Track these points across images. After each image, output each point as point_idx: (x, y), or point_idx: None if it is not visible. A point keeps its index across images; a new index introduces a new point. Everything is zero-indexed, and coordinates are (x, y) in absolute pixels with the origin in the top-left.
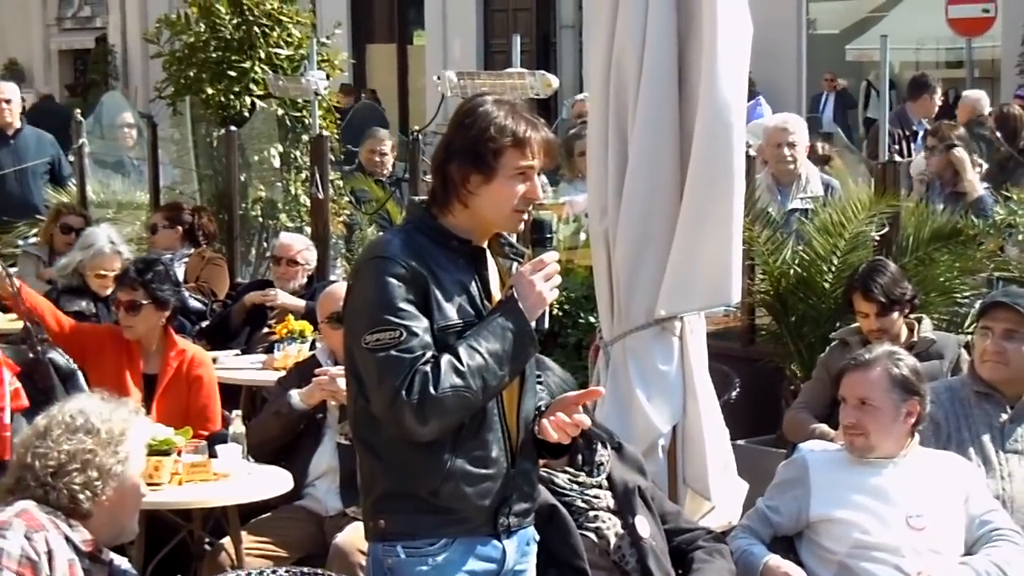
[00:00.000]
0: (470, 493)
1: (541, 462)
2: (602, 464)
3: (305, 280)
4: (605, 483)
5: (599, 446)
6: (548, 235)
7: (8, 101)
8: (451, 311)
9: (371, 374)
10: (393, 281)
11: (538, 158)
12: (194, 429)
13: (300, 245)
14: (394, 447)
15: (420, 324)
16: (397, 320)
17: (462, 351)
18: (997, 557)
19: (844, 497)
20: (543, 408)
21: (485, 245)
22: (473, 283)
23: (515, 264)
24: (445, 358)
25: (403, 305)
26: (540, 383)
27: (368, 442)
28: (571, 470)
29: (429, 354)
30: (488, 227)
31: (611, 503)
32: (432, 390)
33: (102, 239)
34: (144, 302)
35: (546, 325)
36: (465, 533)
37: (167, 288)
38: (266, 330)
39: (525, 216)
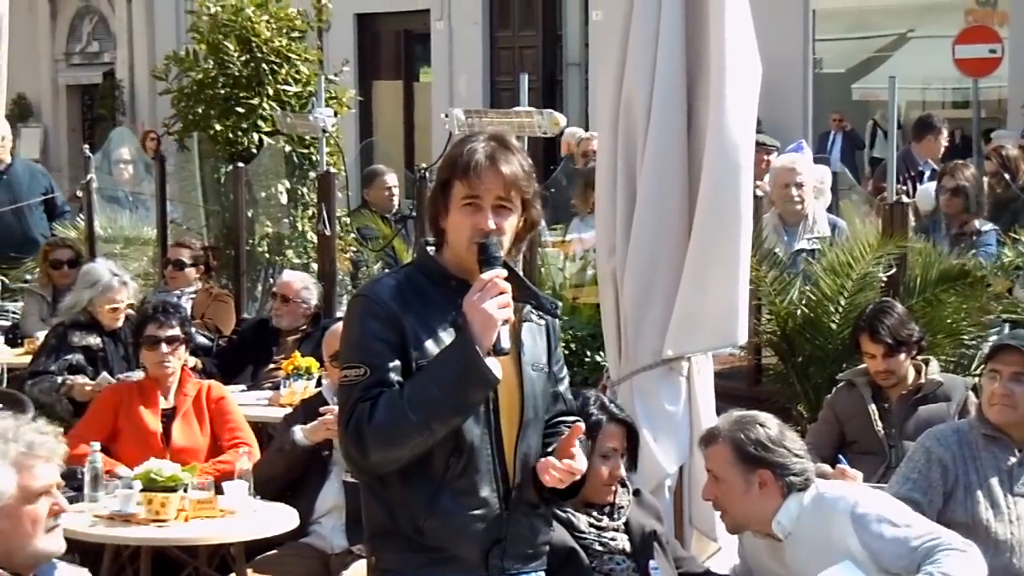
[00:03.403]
0: (456, 532)
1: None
2: (622, 507)
3: (307, 319)
4: (623, 527)
5: (620, 489)
6: (495, 255)
7: (2, 137)
8: (433, 348)
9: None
10: (369, 320)
11: (485, 189)
12: (230, 448)
13: (299, 284)
14: (383, 482)
15: (387, 363)
16: (365, 358)
17: (408, 384)
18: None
19: None
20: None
21: None
22: None
23: (527, 308)
24: (387, 392)
25: (374, 344)
26: (568, 424)
27: (365, 478)
28: (594, 513)
29: (377, 390)
30: (467, 263)
31: (627, 546)
32: (366, 423)
33: (106, 274)
34: (182, 336)
35: (504, 345)
36: (455, 573)
37: (189, 327)
38: (272, 366)
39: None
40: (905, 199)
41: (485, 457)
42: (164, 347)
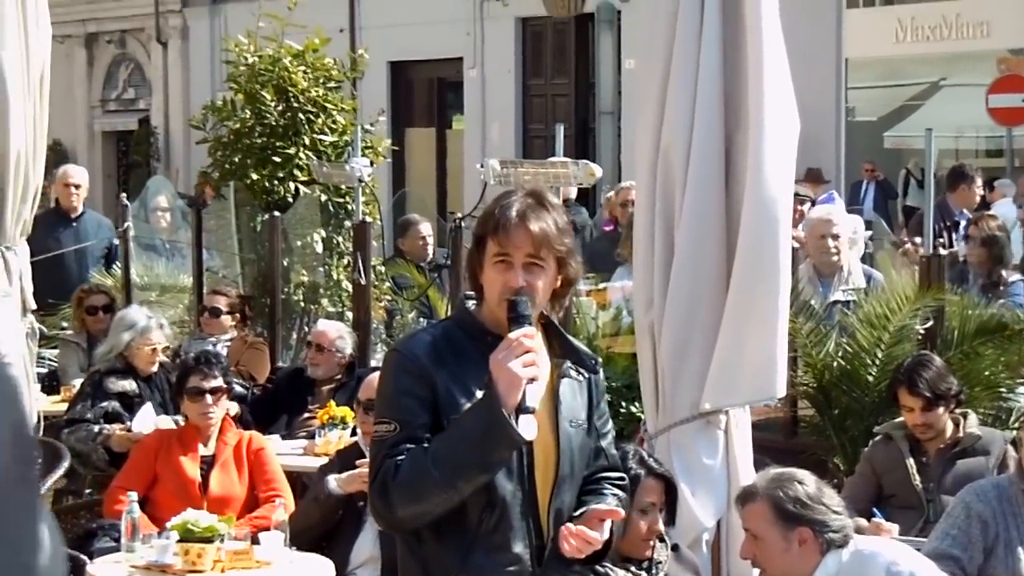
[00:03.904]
0: None
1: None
2: (660, 562)
3: (342, 368)
4: None
5: (658, 544)
6: (524, 313)
7: (77, 186)
8: (466, 404)
9: None
10: (401, 376)
11: (515, 247)
12: (266, 500)
13: (333, 333)
14: (418, 537)
15: (418, 420)
16: (395, 415)
17: (434, 441)
18: None
19: None
20: (581, 513)
21: None
22: None
23: (566, 364)
24: (413, 449)
25: (405, 400)
26: (619, 486)
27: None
28: (632, 568)
29: (405, 447)
30: (502, 319)
31: None
32: (392, 480)
33: (142, 317)
34: (225, 387)
35: (530, 404)
36: None
37: (230, 376)
38: (307, 415)
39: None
40: (942, 251)
41: (518, 513)
42: (208, 398)
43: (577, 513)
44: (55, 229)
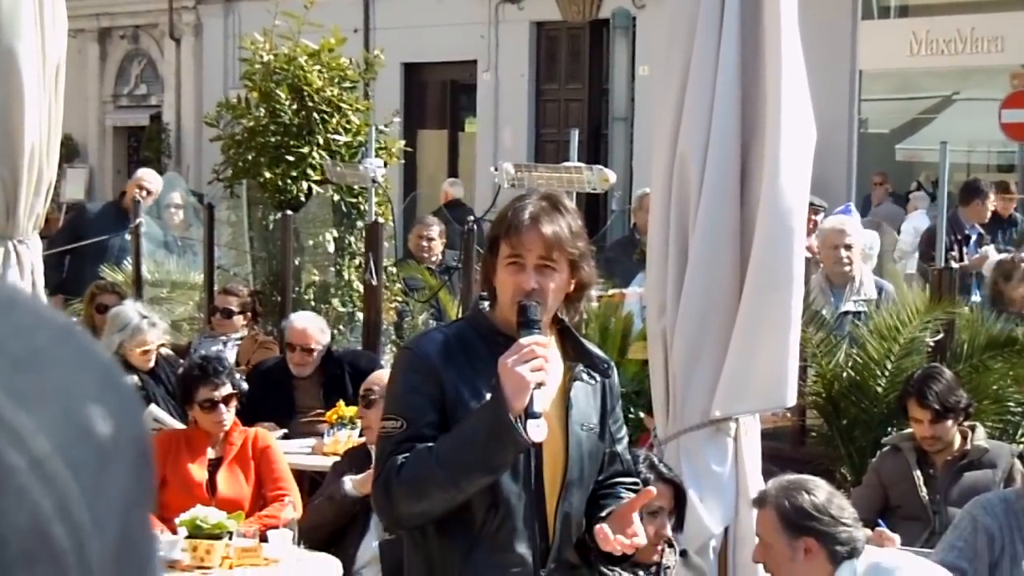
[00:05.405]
0: None
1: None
2: (669, 568)
3: (319, 360)
4: None
5: (667, 549)
6: (533, 318)
7: (149, 192)
8: (474, 404)
9: None
10: (410, 374)
11: (526, 249)
12: (273, 499)
13: (315, 332)
14: (422, 532)
15: (424, 418)
16: (403, 412)
17: (439, 441)
18: None
19: None
20: (607, 513)
21: None
22: None
23: (579, 367)
24: (418, 447)
25: (413, 398)
26: (633, 491)
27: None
28: (640, 573)
29: (410, 445)
30: (514, 321)
31: None
32: (395, 478)
33: (135, 316)
34: (234, 392)
35: (537, 409)
36: None
37: (235, 376)
38: (311, 415)
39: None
40: (954, 264)
41: (522, 514)
42: (222, 407)
43: (604, 514)
44: (112, 223)
